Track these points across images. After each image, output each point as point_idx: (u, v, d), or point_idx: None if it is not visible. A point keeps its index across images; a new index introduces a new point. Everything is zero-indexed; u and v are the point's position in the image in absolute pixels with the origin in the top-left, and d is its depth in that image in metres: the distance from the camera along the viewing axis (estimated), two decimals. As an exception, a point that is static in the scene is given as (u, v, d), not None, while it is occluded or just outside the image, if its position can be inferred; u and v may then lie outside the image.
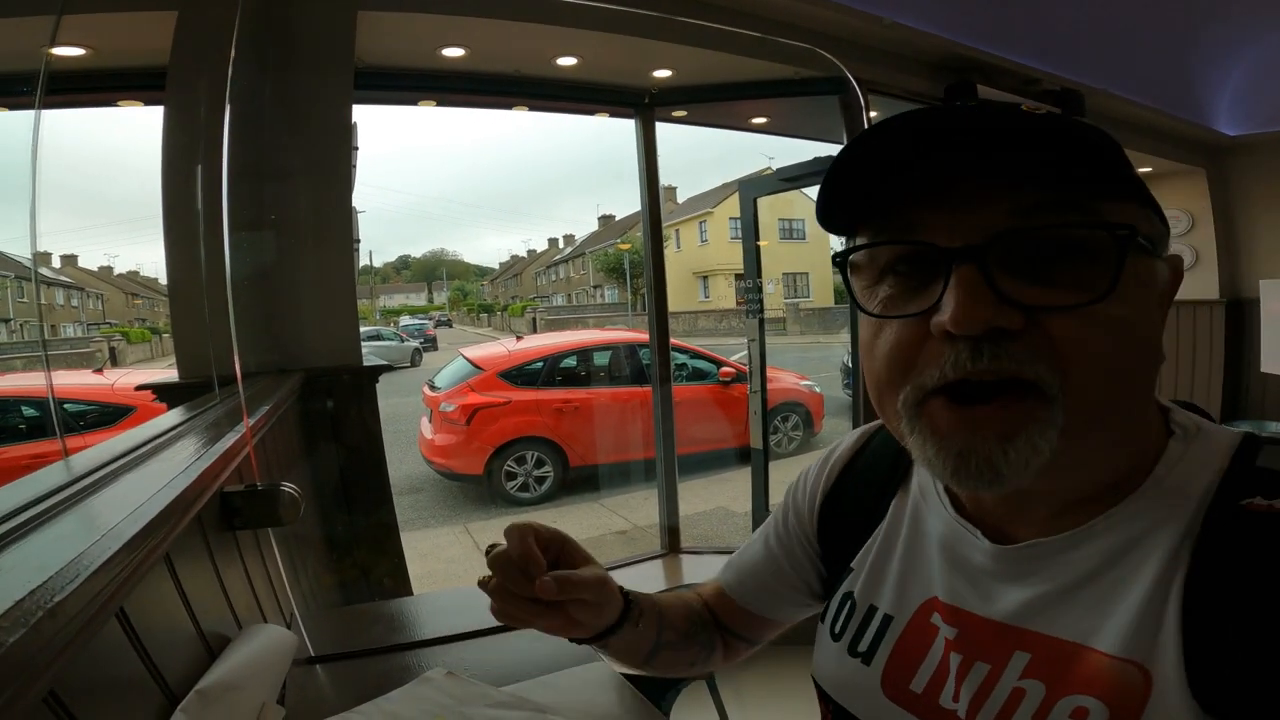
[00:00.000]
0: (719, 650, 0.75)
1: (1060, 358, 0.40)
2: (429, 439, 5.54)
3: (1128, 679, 0.42)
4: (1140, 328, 0.43)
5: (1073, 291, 0.40)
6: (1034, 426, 0.41)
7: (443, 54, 2.28)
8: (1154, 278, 0.44)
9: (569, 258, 33.21)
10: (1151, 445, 0.46)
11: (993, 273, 0.40)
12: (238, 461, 0.82)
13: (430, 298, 41.81)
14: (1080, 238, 0.41)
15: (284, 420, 1.47)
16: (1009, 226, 0.41)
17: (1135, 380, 0.43)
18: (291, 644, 0.69)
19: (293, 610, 0.94)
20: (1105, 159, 0.41)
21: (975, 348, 0.41)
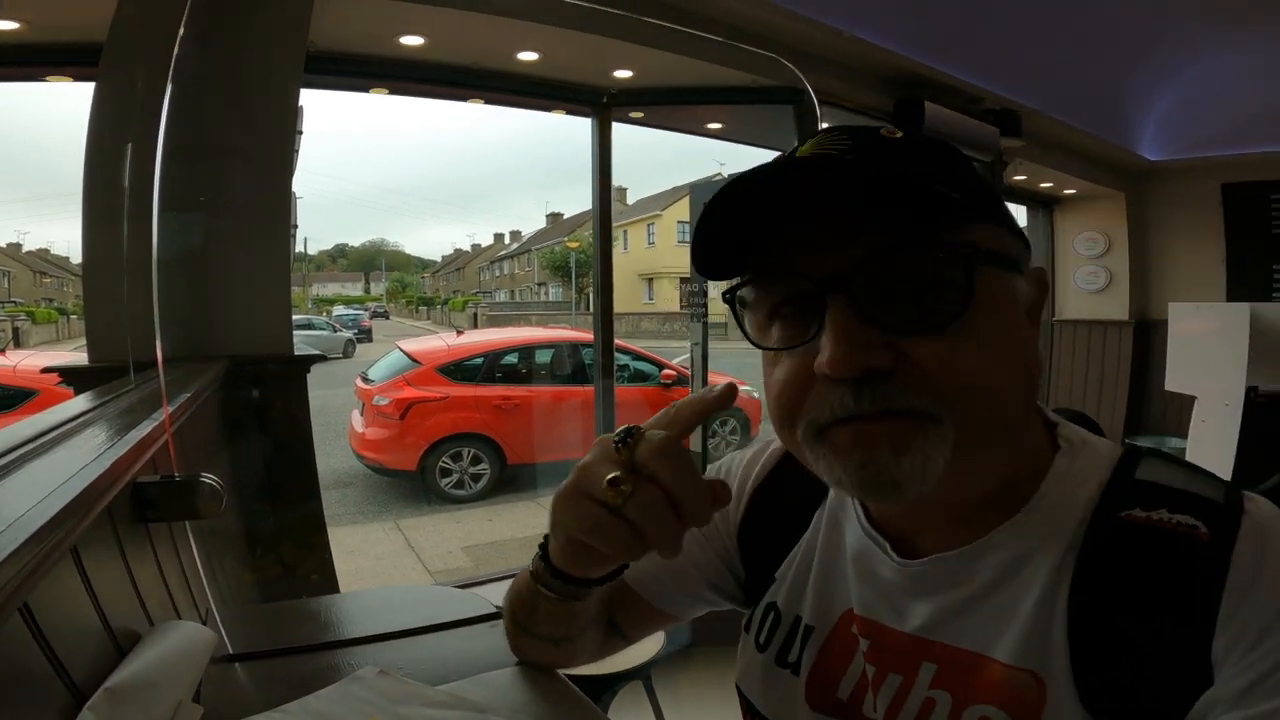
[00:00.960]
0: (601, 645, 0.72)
1: (932, 387, 0.42)
2: (360, 433, 5.37)
3: (1024, 687, 0.44)
4: (1008, 342, 0.44)
5: (931, 316, 0.42)
6: (925, 440, 0.42)
7: (401, 42, 2.21)
8: (1015, 293, 0.46)
9: (515, 254, 32.81)
10: (1041, 458, 0.48)
11: (861, 301, 0.42)
12: (153, 451, 0.77)
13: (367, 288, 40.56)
14: (934, 263, 0.42)
15: (206, 409, 1.39)
16: (873, 255, 0.42)
17: (1012, 393, 0.44)
18: (207, 641, 0.65)
19: (209, 607, 0.89)
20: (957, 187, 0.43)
21: (857, 390, 0.42)
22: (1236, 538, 0.41)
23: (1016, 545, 0.47)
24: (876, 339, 0.42)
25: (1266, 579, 0.39)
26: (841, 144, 0.46)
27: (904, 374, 0.42)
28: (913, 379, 0.42)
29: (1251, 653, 0.38)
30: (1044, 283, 0.49)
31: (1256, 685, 0.37)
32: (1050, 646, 0.44)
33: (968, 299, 0.42)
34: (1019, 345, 0.45)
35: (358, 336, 15.09)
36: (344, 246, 51.49)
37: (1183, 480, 0.45)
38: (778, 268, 0.45)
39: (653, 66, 2.52)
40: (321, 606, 1.04)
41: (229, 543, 1.50)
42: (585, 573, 0.55)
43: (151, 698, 0.51)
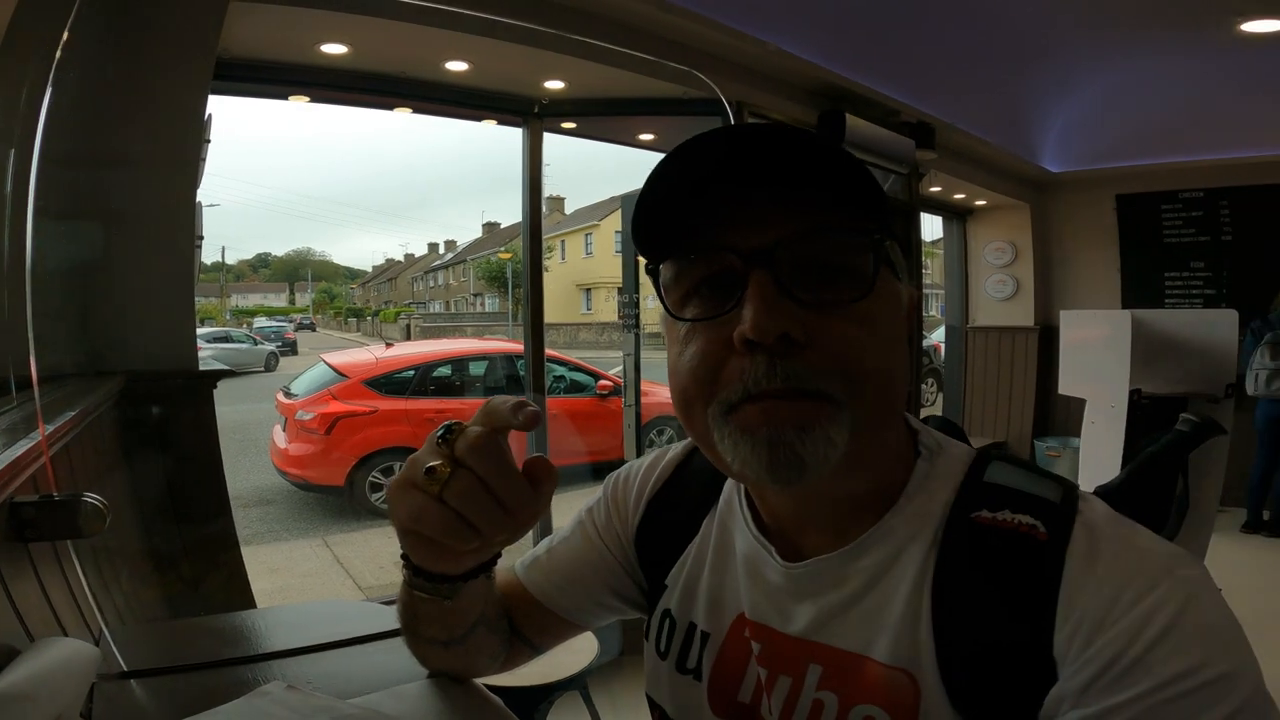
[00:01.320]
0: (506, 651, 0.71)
1: (838, 365, 0.44)
2: (282, 448, 5.13)
3: (901, 686, 0.46)
4: (898, 335, 0.48)
5: (843, 295, 0.45)
6: (826, 421, 0.44)
7: (322, 50, 2.16)
8: (899, 298, 0.49)
9: (449, 264, 32.13)
10: (905, 463, 0.51)
11: (782, 275, 0.44)
12: (32, 470, 0.74)
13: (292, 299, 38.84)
14: (848, 246, 0.46)
15: (98, 426, 1.32)
16: (793, 236, 0.45)
17: (900, 380, 0.47)
18: (91, 656, 0.62)
19: (101, 625, 0.85)
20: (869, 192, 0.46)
21: (770, 365, 0.44)
22: (1070, 537, 0.44)
23: (885, 547, 0.49)
24: (794, 311, 0.44)
25: (1096, 577, 0.42)
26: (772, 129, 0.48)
27: (812, 353, 0.44)
28: (820, 359, 0.44)
29: (1087, 649, 0.40)
30: (915, 303, 0.53)
31: (1094, 682, 0.39)
32: (919, 646, 0.46)
33: (872, 282, 0.45)
34: (902, 345, 0.48)
35: (281, 349, 14.42)
36: (266, 256, 49.16)
37: (1024, 482, 0.48)
38: (706, 242, 0.47)
39: (584, 77, 2.54)
40: (230, 623, 1.00)
41: (130, 562, 1.42)
42: (439, 567, 0.54)
43: (27, 711, 0.48)
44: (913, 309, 0.52)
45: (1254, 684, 0.38)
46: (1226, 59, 3.33)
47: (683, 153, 0.46)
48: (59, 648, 0.59)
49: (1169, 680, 0.38)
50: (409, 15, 2.00)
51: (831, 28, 2.80)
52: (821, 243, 0.45)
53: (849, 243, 0.46)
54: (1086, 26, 3.14)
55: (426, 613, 0.61)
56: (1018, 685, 0.42)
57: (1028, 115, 4.22)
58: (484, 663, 0.70)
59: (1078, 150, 4.71)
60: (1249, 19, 2.89)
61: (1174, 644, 0.39)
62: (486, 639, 0.66)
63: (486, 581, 0.59)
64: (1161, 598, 0.40)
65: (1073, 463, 4.15)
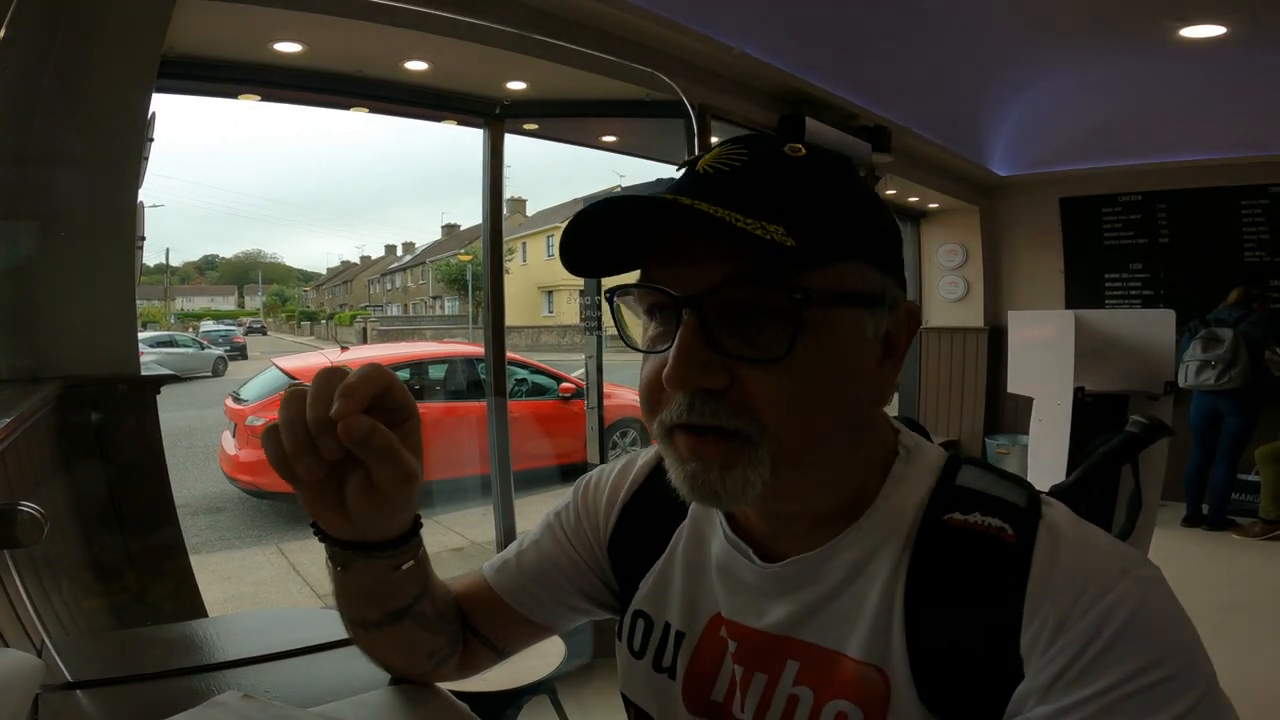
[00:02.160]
0: (457, 654, 0.70)
1: (757, 411, 0.46)
2: (232, 455, 4.97)
3: (872, 682, 0.47)
4: (833, 379, 0.47)
5: (763, 348, 0.45)
6: (746, 461, 0.46)
7: (275, 48, 2.10)
8: (861, 330, 0.48)
9: (407, 266, 31.57)
10: (882, 466, 0.52)
11: (709, 323, 0.46)
12: None
13: (241, 302, 37.60)
14: (767, 300, 0.45)
15: (34, 434, 1.26)
16: (720, 286, 0.45)
17: (829, 425, 0.47)
18: (32, 667, 0.59)
19: (43, 636, 0.81)
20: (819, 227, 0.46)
21: (689, 402, 0.46)
22: (1035, 540, 0.45)
23: (861, 546, 0.50)
24: (715, 359, 0.45)
25: (1059, 579, 0.43)
26: (737, 159, 0.48)
27: (733, 395, 0.46)
28: (739, 401, 0.46)
29: (1050, 648, 0.42)
30: (914, 316, 0.52)
31: (1058, 679, 0.41)
32: (891, 643, 0.47)
33: (794, 339, 0.45)
34: (848, 381, 0.48)
35: (230, 354, 13.96)
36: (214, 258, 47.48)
37: (992, 485, 0.50)
38: (653, 278, 0.48)
39: (546, 78, 2.52)
40: (180, 632, 0.96)
41: (71, 571, 1.36)
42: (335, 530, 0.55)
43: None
44: (910, 326, 0.52)
45: (1208, 680, 0.40)
46: (1166, 64, 3.44)
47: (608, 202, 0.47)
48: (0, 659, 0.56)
49: (1127, 677, 0.40)
50: (367, 14, 1.96)
51: (795, 33, 2.85)
52: (743, 295, 0.45)
53: (769, 299, 0.45)
54: (1034, 34, 3.23)
55: (341, 587, 0.61)
56: (985, 682, 0.44)
57: (978, 120, 4.35)
58: (420, 659, 0.68)
59: (1024, 154, 4.85)
60: (1189, 24, 2.99)
61: (1130, 642, 0.40)
62: (415, 633, 0.65)
63: (403, 567, 0.59)
64: (1118, 597, 0.42)
65: (1022, 459, 4.29)
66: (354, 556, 0.57)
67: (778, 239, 0.43)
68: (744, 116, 3.04)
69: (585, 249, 0.50)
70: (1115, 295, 4.97)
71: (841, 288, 0.47)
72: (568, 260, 0.50)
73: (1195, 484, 4.15)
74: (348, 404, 0.47)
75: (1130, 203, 4.87)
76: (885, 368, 0.50)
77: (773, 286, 0.45)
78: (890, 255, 0.51)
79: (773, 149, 0.49)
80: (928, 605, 0.47)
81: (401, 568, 0.59)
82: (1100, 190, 4.91)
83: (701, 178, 0.48)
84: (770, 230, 0.43)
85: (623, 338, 0.52)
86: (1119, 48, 3.35)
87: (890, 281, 0.50)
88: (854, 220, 0.49)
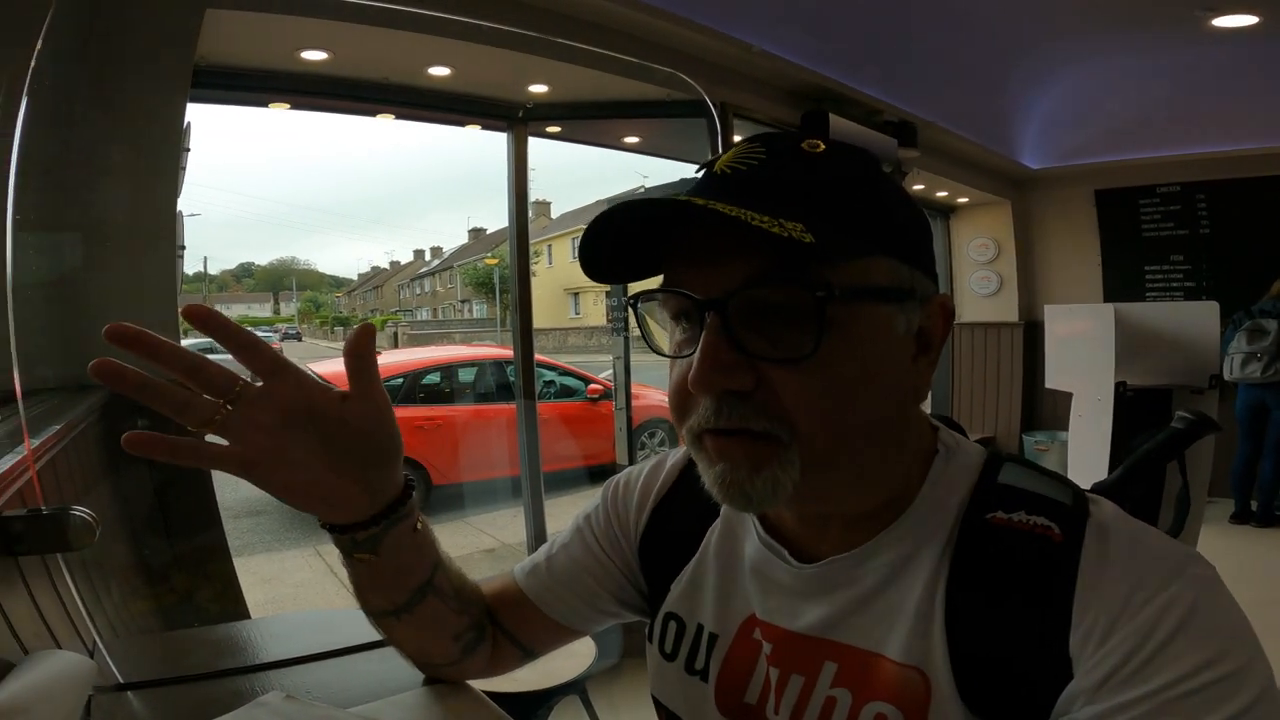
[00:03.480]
0: (486, 648, 0.71)
1: (785, 412, 0.45)
2: (272, 460, 5.08)
3: (912, 684, 0.47)
4: (863, 377, 0.46)
5: (789, 348, 0.45)
6: (776, 462, 0.45)
7: (302, 56, 2.15)
8: (890, 326, 0.47)
9: (436, 271, 31.96)
10: (921, 465, 0.51)
11: (732, 325, 0.45)
12: (19, 485, 0.74)
13: (277, 309, 38.44)
14: (791, 299, 0.45)
15: (83, 439, 1.30)
16: (742, 286, 0.45)
17: (859, 425, 0.46)
18: (87, 669, 0.61)
19: (95, 638, 0.84)
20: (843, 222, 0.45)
21: (717, 406, 0.46)
22: (1083, 539, 0.45)
23: (901, 546, 0.49)
24: (741, 361, 0.45)
25: (1109, 577, 0.43)
26: (755, 158, 0.47)
27: (761, 396, 0.45)
28: (767, 402, 0.45)
29: (1102, 647, 0.41)
30: (947, 310, 0.50)
31: (1109, 678, 0.40)
32: (931, 644, 0.46)
33: (818, 337, 0.44)
34: (878, 378, 0.46)
35: (268, 360, 14.26)
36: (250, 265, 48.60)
37: (1036, 484, 0.49)
38: (675, 282, 0.48)
39: (568, 81, 2.54)
40: (225, 633, 0.99)
41: (121, 574, 1.40)
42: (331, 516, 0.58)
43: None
44: (943, 320, 0.50)
45: (1265, 680, 0.39)
46: (1199, 54, 3.37)
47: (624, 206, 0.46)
48: (54, 661, 0.58)
49: (1182, 677, 0.39)
50: (390, 21, 1.99)
51: (814, 29, 2.82)
52: (765, 295, 0.45)
53: (793, 298, 0.45)
54: (1063, 24, 3.18)
55: (360, 579, 0.62)
56: (1031, 683, 0.43)
57: (1007, 113, 4.27)
58: (447, 643, 0.69)
59: (1056, 147, 4.76)
60: (1220, 14, 2.93)
61: (1186, 641, 0.39)
62: (438, 609, 0.65)
63: (414, 536, 0.61)
64: (1173, 596, 0.41)
65: (1061, 456, 4.19)
66: (382, 530, 0.58)
67: (796, 235, 0.42)
68: (766, 114, 3.02)
69: (605, 256, 0.50)
70: (1156, 288, 4.85)
71: (867, 283, 0.46)
72: (589, 268, 0.50)
73: (1243, 479, 4.03)
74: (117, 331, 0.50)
75: (1169, 194, 4.76)
76: (920, 364, 0.49)
77: (794, 284, 0.44)
78: (917, 248, 0.49)
79: (791, 145, 0.48)
80: (970, 606, 0.46)
81: (418, 527, 0.61)
82: (1137, 182, 4.80)
83: (720, 178, 0.48)
84: (789, 227, 0.42)
85: (649, 344, 0.52)
86: (1149, 38, 3.27)
87: (919, 275, 0.49)
88: (877, 214, 0.47)
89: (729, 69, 2.78)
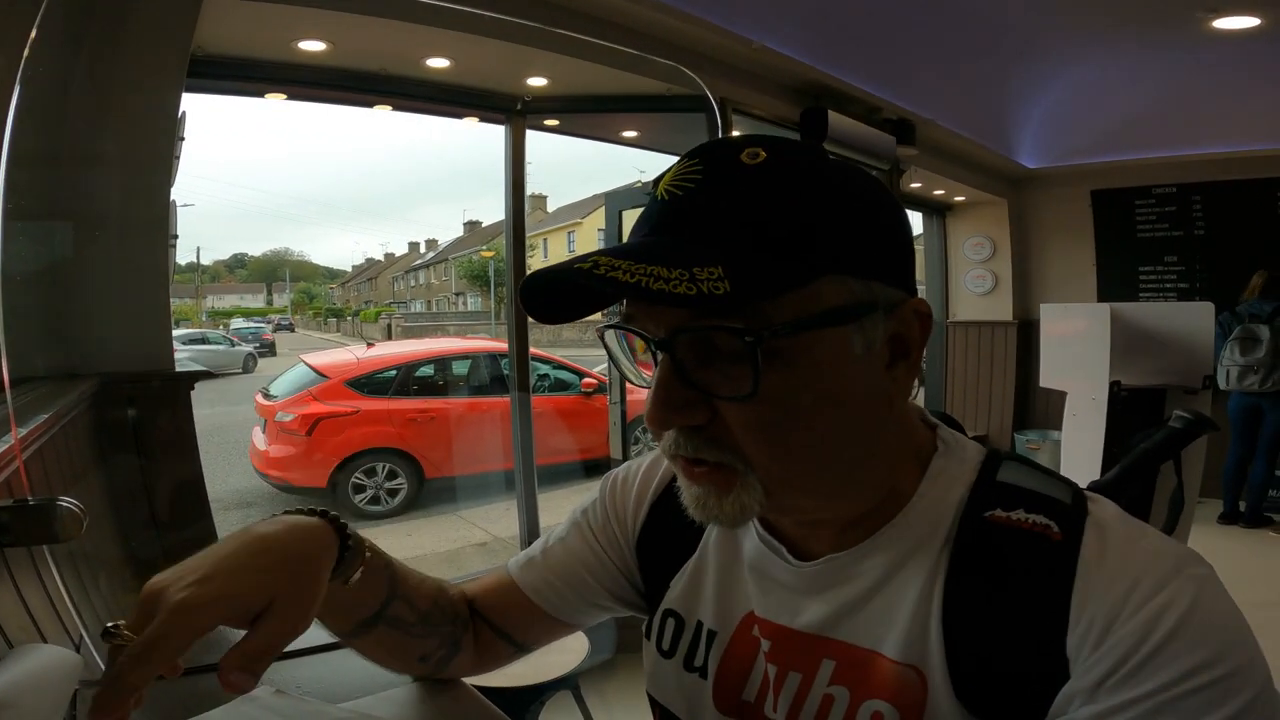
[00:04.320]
0: (468, 651, 0.71)
1: (736, 445, 0.45)
2: (263, 450, 5.07)
3: (909, 682, 0.47)
4: (818, 403, 0.44)
5: (735, 385, 0.44)
6: (739, 487, 0.46)
7: (299, 47, 2.13)
8: (845, 346, 0.45)
9: (430, 263, 31.88)
10: (918, 463, 0.51)
11: (682, 362, 0.45)
12: (5, 475, 0.73)
13: (270, 299, 38.29)
14: (725, 342, 0.43)
15: (72, 429, 1.29)
16: (685, 325, 0.44)
17: (821, 447, 0.46)
18: (73, 663, 0.60)
19: (81, 631, 0.83)
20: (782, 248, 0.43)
21: (675, 438, 0.46)
22: (1082, 537, 0.44)
23: (898, 545, 0.49)
24: (692, 396, 0.45)
25: (1107, 576, 0.42)
26: (691, 180, 0.46)
27: (715, 428, 0.45)
28: (720, 435, 0.45)
29: (1099, 647, 0.41)
30: (921, 314, 0.48)
31: (1106, 679, 0.40)
32: (928, 642, 0.46)
33: (756, 377, 0.42)
34: (831, 401, 0.45)
35: (259, 350, 14.22)
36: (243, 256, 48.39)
37: (1036, 482, 0.49)
38: (628, 317, 0.47)
39: (567, 74, 2.52)
40: (213, 629, 0.97)
41: (108, 567, 1.39)
42: None
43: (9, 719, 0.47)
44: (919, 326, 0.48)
45: (1262, 680, 0.39)
46: (1198, 55, 3.38)
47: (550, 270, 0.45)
48: (39, 655, 0.57)
49: (1179, 677, 0.38)
50: (389, 11, 1.98)
51: (815, 25, 2.82)
52: (702, 336, 0.44)
53: (728, 341, 0.43)
54: (1064, 23, 3.17)
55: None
56: (1028, 682, 0.43)
57: (1005, 112, 4.27)
58: (410, 662, 0.69)
59: (1053, 146, 4.77)
60: (1219, 15, 2.93)
61: (1184, 642, 0.39)
62: (395, 638, 0.64)
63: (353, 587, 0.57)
64: (1171, 596, 0.41)
65: (1053, 455, 4.21)
66: None
67: (707, 290, 0.39)
68: (766, 110, 3.01)
69: (558, 305, 0.49)
70: (1150, 288, 4.88)
71: (812, 310, 0.43)
72: (543, 318, 0.49)
73: (1234, 480, 4.06)
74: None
75: (1164, 195, 4.77)
76: (898, 370, 0.48)
77: (721, 330, 0.43)
78: (879, 257, 0.46)
79: (730, 159, 0.45)
80: (968, 604, 0.46)
81: (349, 583, 0.57)
82: (1133, 182, 4.81)
83: (659, 204, 0.47)
84: (701, 278, 0.40)
85: (620, 373, 0.52)
86: (1149, 39, 3.28)
87: (879, 285, 0.46)
88: (822, 230, 0.44)
89: (729, 64, 2.77)
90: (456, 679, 0.76)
